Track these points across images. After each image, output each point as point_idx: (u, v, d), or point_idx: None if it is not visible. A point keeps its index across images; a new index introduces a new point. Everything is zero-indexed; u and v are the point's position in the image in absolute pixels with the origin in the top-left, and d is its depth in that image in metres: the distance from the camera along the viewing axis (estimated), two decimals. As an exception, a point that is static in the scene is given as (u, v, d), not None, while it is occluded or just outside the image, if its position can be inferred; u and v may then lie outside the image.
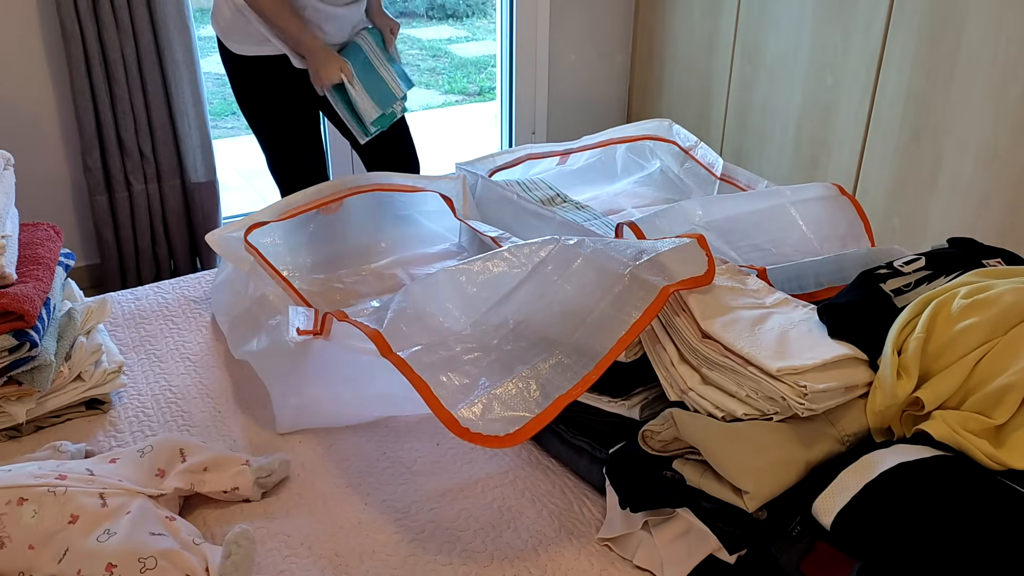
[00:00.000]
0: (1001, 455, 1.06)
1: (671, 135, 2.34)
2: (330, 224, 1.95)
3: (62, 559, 1.07)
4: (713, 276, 1.32)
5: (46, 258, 1.56)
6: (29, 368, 1.40)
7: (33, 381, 1.40)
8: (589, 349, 1.24)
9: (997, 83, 2.29)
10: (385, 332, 1.31)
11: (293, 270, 1.86)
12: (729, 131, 3.23)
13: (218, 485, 1.27)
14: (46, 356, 1.41)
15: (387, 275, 1.89)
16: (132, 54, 2.72)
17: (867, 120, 2.68)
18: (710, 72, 3.25)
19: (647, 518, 1.17)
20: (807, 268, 1.53)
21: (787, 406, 1.13)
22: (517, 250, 1.47)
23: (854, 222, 1.82)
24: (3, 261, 1.44)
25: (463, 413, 1.19)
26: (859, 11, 2.62)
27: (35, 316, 1.40)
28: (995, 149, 2.34)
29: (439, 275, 1.45)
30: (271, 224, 1.77)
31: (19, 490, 1.11)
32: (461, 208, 1.94)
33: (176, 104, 2.86)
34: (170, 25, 2.74)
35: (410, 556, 1.21)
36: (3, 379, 1.40)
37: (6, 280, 1.43)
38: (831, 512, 1.03)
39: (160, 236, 3.03)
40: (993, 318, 1.16)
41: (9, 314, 1.38)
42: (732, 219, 1.70)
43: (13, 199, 1.61)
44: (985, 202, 2.41)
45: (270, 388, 1.51)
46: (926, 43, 2.45)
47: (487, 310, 1.40)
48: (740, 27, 3.08)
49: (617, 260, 1.35)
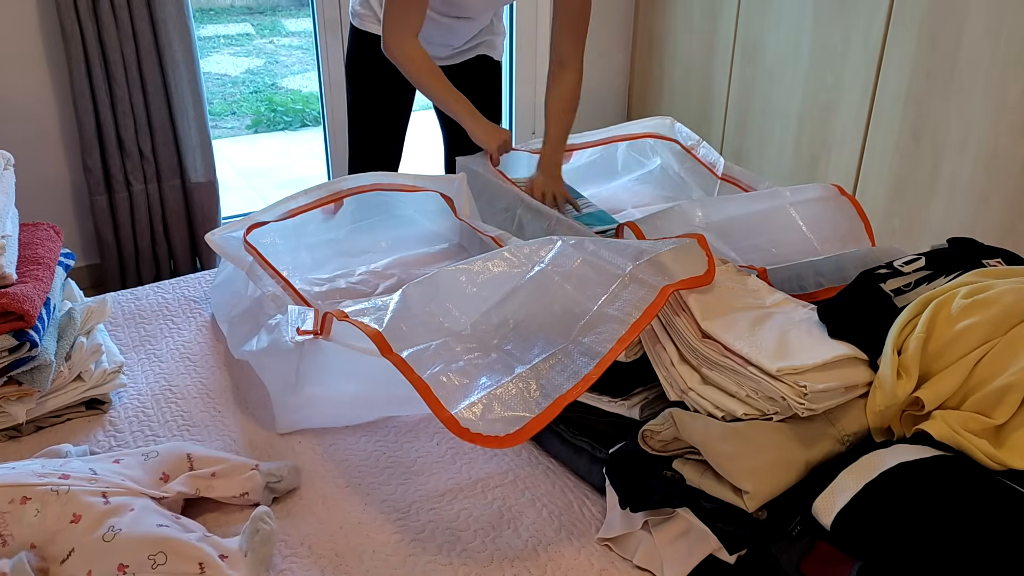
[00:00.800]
0: (1001, 455, 1.06)
1: (673, 133, 2.34)
2: (330, 224, 1.96)
3: (66, 560, 1.06)
4: (713, 276, 1.32)
5: (46, 258, 1.56)
6: (29, 368, 1.40)
7: (33, 381, 1.40)
8: (589, 349, 1.24)
9: (997, 83, 2.29)
10: (385, 332, 1.31)
11: (293, 270, 1.86)
12: (729, 131, 3.23)
13: (227, 491, 1.26)
14: (46, 356, 1.41)
15: (387, 275, 1.89)
16: (132, 54, 2.72)
17: (867, 120, 2.68)
18: (710, 72, 3.25)
19: (647, 518, 1.17)
20: (807, 268, 1.53)
21: (787, 406, 1.13)
22: (517, 250, 1.47)
23: (854, 222, 1.81)
24: (3, 261, 1.44)
25: (463, 413, 1.19)
26: (859, 11, 2.62)
27: (35, 316, 1.40)
28: (995, 149, 2.34)
29: (439, 275, 1.45)
30: (271, 224, 1.77)
31: (22, 489, 1.11)
32: (462, 208, 1.94)
33: (176, 104, 2.86)
34: (170, 25, 2.74)
35: (410, 556, 1.21)
36: (3, 379, 1.40)
37: (6, 280, 1.43)
38: (831, 512, 1.03)
39: (160, 236, 3.03)
40: (993, 318, 1.16)
41: (9, 314, 1.38)
42: (732, 220, 1.70)
43: (13, 199, 1.61)
44: (985, 202, 2.41)
45: (270, 388, 1.51)
46: (926, 43, 2.45)
47: (487, 310, 1.40)
48: (740, 27, 3.08)
49: (617, 260, 1.35)
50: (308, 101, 5.73)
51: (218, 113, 5.45)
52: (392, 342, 1.29)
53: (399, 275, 1.89)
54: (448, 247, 2.02)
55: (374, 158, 2.27)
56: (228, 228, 1.71)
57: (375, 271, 1.90)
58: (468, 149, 2.16)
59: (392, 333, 1.32)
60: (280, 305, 1.51)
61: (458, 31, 2.15)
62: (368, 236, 1.99)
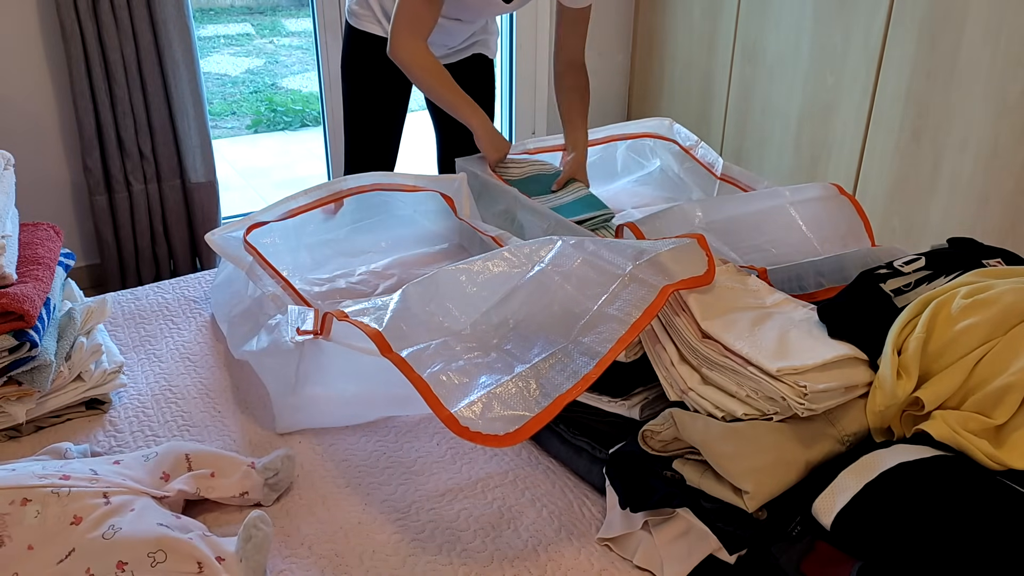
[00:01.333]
0: (1001, 455, 1.06)
1: (672, 134, 2.34)
2: (330, 224, 1.96)
3: (64, 560, 1.06)
4: (713, 276, 1.32)
5: (46, 258, 1.56)
6: (29, 368, 1.40)
7: (33, 381, 1.40)
8: (589, 349, 1.24)
9: (997, 83, 2.29)
10: (385, 331, 1.31)
11: (293, 270, 1.86)
12: (729, 131, 3.23)
13: (227, 491, 1.26)
14: (46, 356, 1.41)
15: (387, 275, 1.89)
16: (132, 54, 2.72)
17: (867, 120, 2.68)
18: (710, 72, 3.25)
19: (647, 518, 1.17)
20: (807, 268, 1.53)
21: (787, 406, 1.13)
22: (517, 250, 1.47)
23: (854, 222, 1.81)
24: (3, 261, 1.43)
25: (463, 412, 1.19)
26: (859, 11, 2.62)
27: (35, 316, 1.39)
28: (995, 149, 2.34)
29: (439, 275, 1.45)
30: (271, 224, 1.77)
31: (22, 491, 1.11)
32: (462, 208, 1.94)
33: (176, 104, 2.86)
34: (170, 25, 2.74)
35: (410, 556, 1.21)
36: (3, 379, 1.40)
37: (6, 280, 1.43)
38: (831, 512, 1.03)
39: (160, 236, 3.03)
40: (993, 318, 1.16)
41: (9, 314, 1.38)
42: (732, 220, 1.70)
43: (13, 199, 1.61)
44: (985, 202, 2.41)
45: (270, 388, 1.51)
46: (926, 43, 2.45)
47: (487, 310, 1.40)
48: (740, 27, 3.08)
49: (617, 260, 1.35)
50: (308, 101, 5.73)
51: (218, 113, 5.45)
52: (392, 341, 1.29)
53: (399, 275, 1.89)
54: (448, 247, 2.02)
55: (370, 158, 2.27)
56: (228, 228, 1.71)
57: (375, 271, 1.90)
58: (462, 151, 2.16)
59: (392, 333, 1.32)
60: (280, 305, 1.51)
61: (455, 32, 2.15)
62: (368, 236, 1.99)
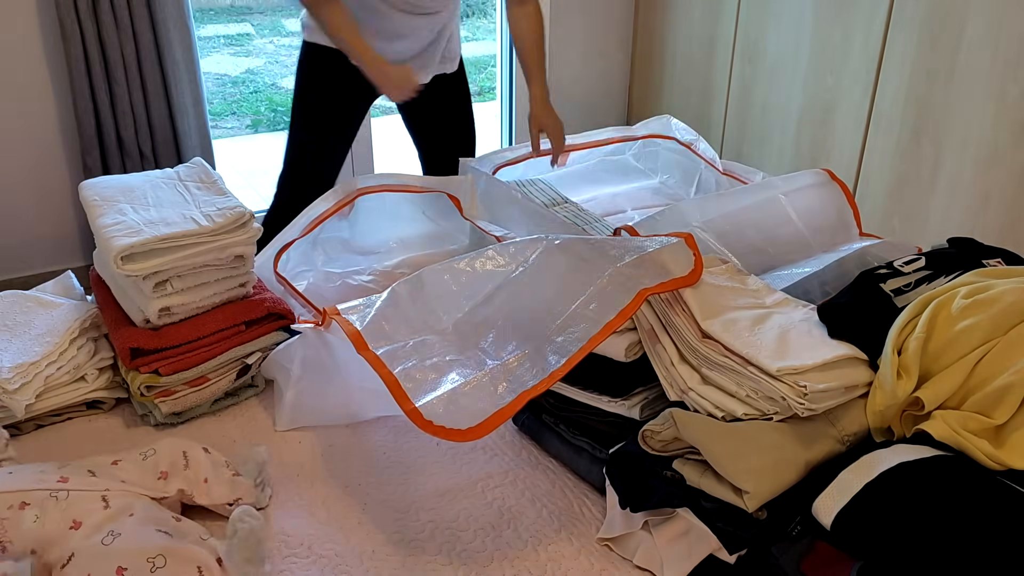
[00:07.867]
0: (1001, 455, 1.06)
1: (670, 130, 2.34)
2: (341, 224, 1.96)
3: (66, 564, 1.06)
4: (699, 276, 1.31)
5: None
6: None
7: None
8: (561, 348, 1.25)
9: (997, 83, 2.29)
10: (364, 330, 1.32)
11: (305, 272, 1.88)
12: (729, 131, 3.23)
13: (220, 498, 1.26)
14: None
15: (397, 275, 1.89)
16: (132, 54, 2.71)
17: (867, 120, 2.68)
18: (710, 72, 3.25)
19: (647, 518, 1.17)
20: (811, 280, 1.52)
21: (787, 406, 1.13)
22: (503, 249, 1.47)
23: (843, 209, 1.83)
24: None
25: (427, 406, 1.19)
26: (859, 11, 2.62)
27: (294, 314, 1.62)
28: (995, 149, 2.34)
29: (424, 273, 1.45)
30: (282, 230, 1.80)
31: (21, 494, 1.11)
32: (468, 208, 1.95)
33: (176, 104, 2.85)
34: (170, 25, 2.74)
35: (410, 556, 1.21)
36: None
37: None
38: (831, 512, 1.03)
39: (160, 236, 3.02)
40: (993, 318, 1.16)
41: (275, 315, 1.59)
42: (728, 218, 1.69)
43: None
44: (985, 202, 2.41)
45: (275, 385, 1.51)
46: (926, 43, 2.45)
47: (470, 308, 1.40)
48: (740, 27, 3.08)
49: (602, 260, 1.34)
50: (308, 101, 5.71)
51: (218, 113, 5.45)
52: (370, 340, 1.30)
53: (409, 275, 1.90)
54: (456, 247, 2.02)
55: (313, 171, 2.12)
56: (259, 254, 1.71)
57: (385, 271, 1.91)
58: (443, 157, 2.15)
59: (372, 331, 1.32)
60: None
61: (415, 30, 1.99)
62: (378, 236, 2.00)
